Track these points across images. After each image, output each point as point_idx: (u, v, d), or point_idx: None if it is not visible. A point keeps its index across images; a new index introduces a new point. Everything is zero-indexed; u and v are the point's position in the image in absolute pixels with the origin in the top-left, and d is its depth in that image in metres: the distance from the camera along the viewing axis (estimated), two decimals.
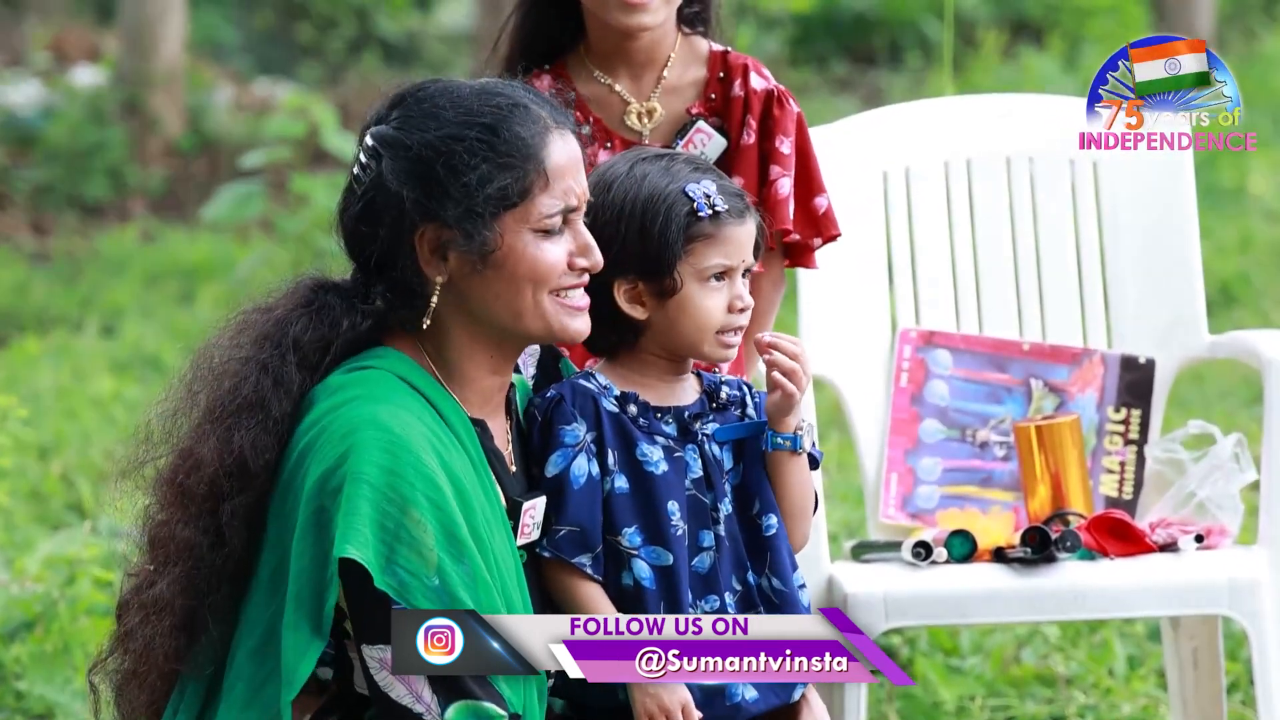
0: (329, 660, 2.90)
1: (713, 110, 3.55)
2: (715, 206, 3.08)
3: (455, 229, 2.88)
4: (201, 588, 2.87)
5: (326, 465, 2.82)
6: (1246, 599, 3.71)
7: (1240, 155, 10.92)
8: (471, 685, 2.79)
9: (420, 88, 2.95)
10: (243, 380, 2.89)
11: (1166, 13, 12.92)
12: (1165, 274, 4.17)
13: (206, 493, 2.87)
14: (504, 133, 2.89)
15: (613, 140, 3.52)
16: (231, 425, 2.87)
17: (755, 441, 3.14)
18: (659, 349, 3.12)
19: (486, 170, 2.88)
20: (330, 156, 11.81)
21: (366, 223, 2.91)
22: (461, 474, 2.87)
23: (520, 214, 2.90)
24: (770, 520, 3.12)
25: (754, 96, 3.53)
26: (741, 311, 3.10)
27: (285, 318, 2.94)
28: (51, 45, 14.97)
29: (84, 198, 12.05)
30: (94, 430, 7.28)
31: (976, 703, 4.71)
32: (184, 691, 2.92)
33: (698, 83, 3.56)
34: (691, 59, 3.58)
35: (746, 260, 3.11)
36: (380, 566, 2.77)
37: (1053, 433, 3.91)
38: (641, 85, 3.55)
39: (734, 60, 3.56)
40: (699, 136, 3.53)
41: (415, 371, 2.93)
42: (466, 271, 2.91)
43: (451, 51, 17.79)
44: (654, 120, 3.54)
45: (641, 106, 3.54)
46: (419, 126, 2.90)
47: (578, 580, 3.03)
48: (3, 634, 4.83)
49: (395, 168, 2.89)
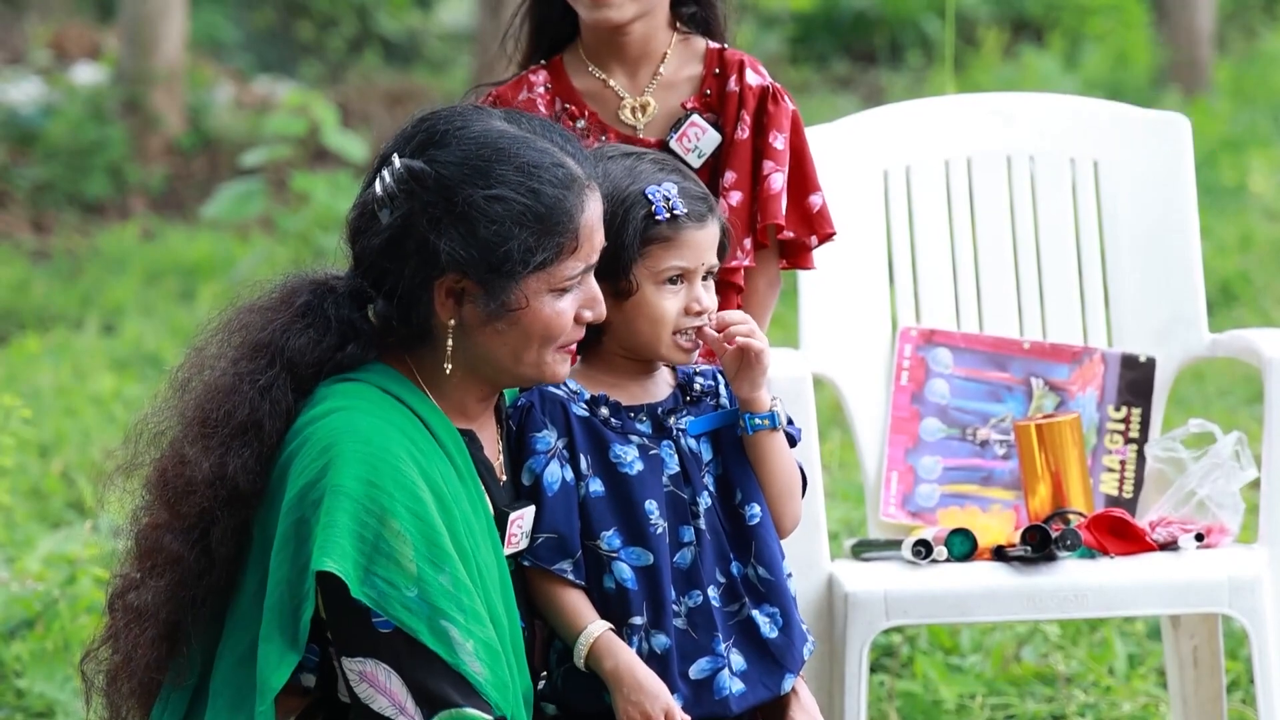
0: (312, 667, 2.89)
1: (708, 106, 3.55)
2: (674, 210, 3.06)
3: (480, 284, 2.88)
4: (186, 601, 2.87)
5: (308, 478, 2.82)
6: (1247, 597, 3.71)
7: (1241, 154, 10.92)
8: (454, 694, 2.79)
9: (458, 124, 2.91)
10: (239, 401, 2.88)
11: (1167, 12, 12.91)
12: (1165, 272, 4.17)
13: (198, 515, 2.87)
14: (549, 202, 2.88)
15: (607, 134, 3.52)
16: (226, 449, 2.86)
17: (732, 430, 3.14)
18: (621, 349, 3.12)
19: (528, 239, 2.87)
20: (330, 154, 11.81)
21: (390, 258, 2.89)
22: (444, 484, 2.87)
23: (545, 276, 2.90)
24: (754, 510, 3.12)
25: (749, 92, 3.53)
26: (698, 314, 3.09)
27: (284, 328, 2.92)
28: (52, 43, 14.97)
29: (84, 196, 12.05)
30: (94, 428, 7.28)
31: (977, 701, 4.71)
32: (167, 700, 2.92)
33: (693, 79, 3.56)
34: (688, 56, 3.58)
35: (706, 263, 3.11)
36: (358, 578, 2.77)
37: (1053, 431, 3.91)
38: (636, 80, 3.55)
39: (730, 57, 3.56)
40: (693, 130, 3.53)
41: (401, 384, 2.93)
42: (479, 321, 2.91)
43: (452, 50, 17.79)
44: (648, 115, 3.54)
45: (635, 101, 3.54)
46: (465, 179, 2.87)
47: (560, 587, 3.03)
48: (3, 632, 4.83)
49: (434, 216, 2.87)
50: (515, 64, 3.61)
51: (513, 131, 2.91)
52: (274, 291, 2.98)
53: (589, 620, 3.02)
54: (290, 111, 10.98)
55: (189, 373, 2.96)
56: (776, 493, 3.13)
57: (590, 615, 3.02)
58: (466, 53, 16.43)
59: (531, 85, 3.55)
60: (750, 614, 3.10)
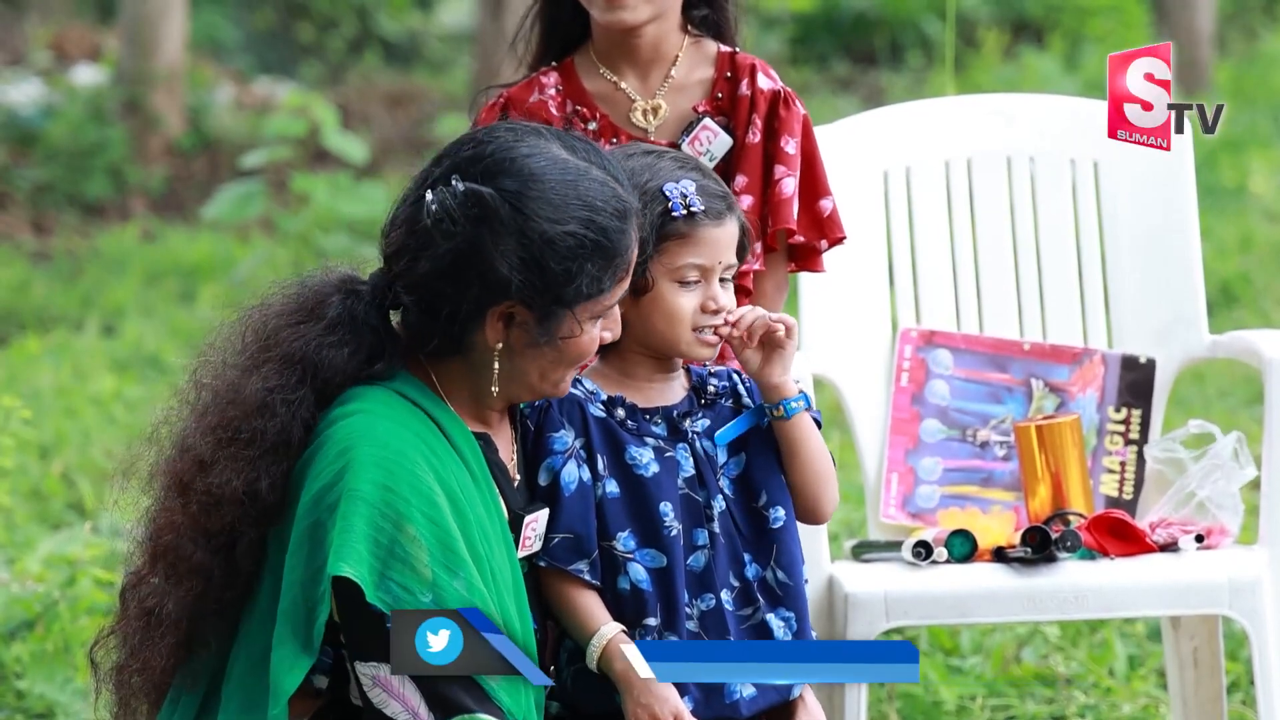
0: (325, 669, 2.89)
1: (719, 109, 3.55)
2: (691, 206, 3.06)
3: (534, 313, 2.89)
4: (207, 610, 2.87)
5: (324, 481, 2.82)
6: (1247, 599, 3.71)
7: (1241, 154, 10.92)
8: (467, 699, 2.78)
9: (523, 151, 2.91)
10: (270, 418, 2.86)
11: (1167, 12, 12.91)
12: (1165, 273, 4.17)
13: (223, 529, 2.86)
14: (613, 237, 2.90)
15: (618, 136, 3.52)
16: (257, 467, 2.85)
17: (756, 431, 3.14)
18: (640, 347, 3.12)
19: (594, 272, 2.89)
20: (331, 155, 11.81)
21: (451, 282, 2.88)
22: (459, 488, 2.87)
23: (593, 305, 2.92)
24: (778, 513, 3.11)
25: (760, 96, 3.53)
26: (715, 312, 3.09)
27: (316, 341, 2.90)
28: (52, 44, 14.97)
29: (85, 197, 12.05)
30: (94, 429, 7.28)
31: (977, 702, 4.71)
32: (177, 702, 2.92)
33: (705, 82, 3.55)
34: (699, 59, 3.57)
35: (724, 261, 3.10)
36: (373, 583, 2.77)
37: (1053, 432, 3.91)
38: (647, 83, 3.55)
39: (741, 60, 3.56)
40: (705, 134, 3.53)
41: (418, 388, 2.93)
42: (524, 344, 2.92)
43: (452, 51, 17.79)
44: (659, 117, 3.54)
45: (647, 104, 3.54)
46: (535, 212, 2.88)
47: (574, 588, 3.03)
48: (3, 633, 4.83)
49: (501, 245, 2.86)
50: (525, 66, 3.61)
51: (574, 162, 2.93)
52: (299, 296, 2.96)
53: (602, 622, 3.02)
54: (290, 112, 10.98)
55: (207, 374, 2.95)
56: (813, 477, 3.12)
57: (604, 617, 3.02)
58: (467, 54, 16.43)
59: (543, 87, 3.55)
60: (765, 618, 3.10)
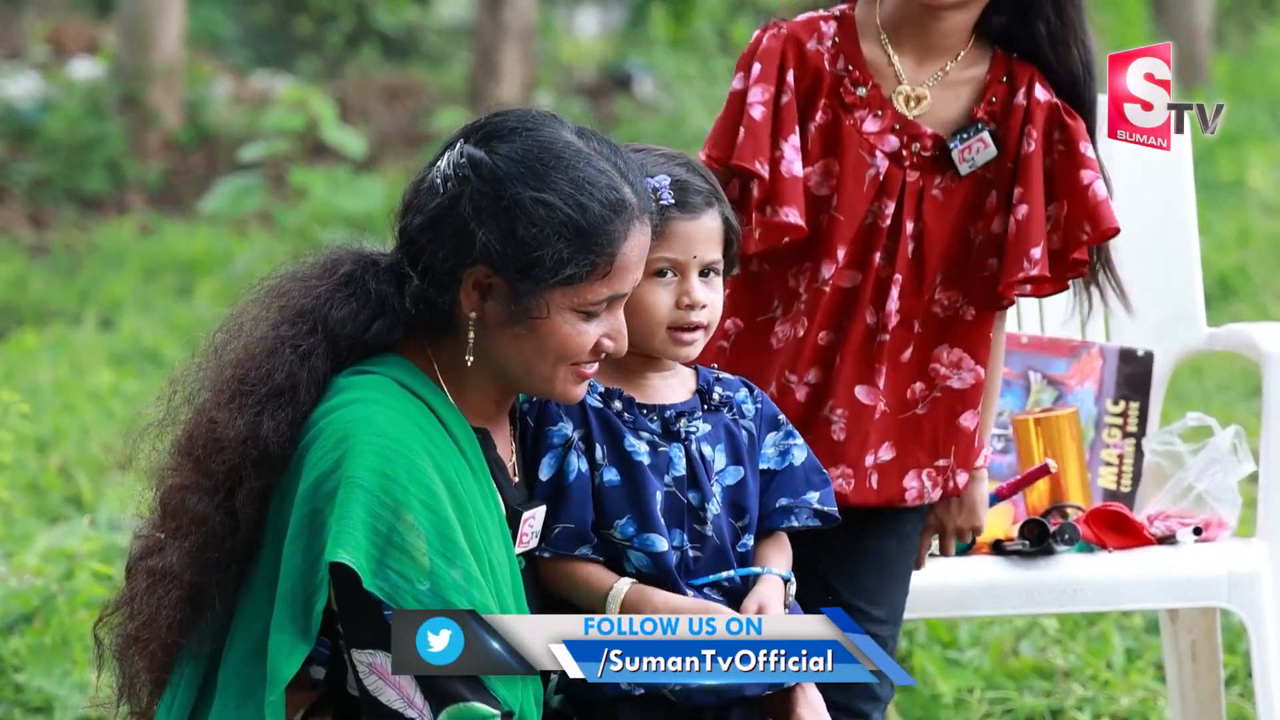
0: (323, 660, 2.89)
1: (990, 114, 3.42)
2: (660, 199, 3.02)
3: (506, 283, 2.88)
4: (211, 565, 2.87)
5: (323, 469, 2.82)
6: (1245, 591, 3.72)
7: (1239, 149, 10.93)
8: (463, 689, 2.79)
9: (528, 125, 2.92)
10: (278, 363, 2.88)
11: (1165, 7, 12.92)
12: (1164, 267, 4.17)
13: (226, 473, 2.87)
14: (594, 223, 2.87)
15: (884, 109, 3.41)
16: (261, 409, 2.86)
17: (754, 451, 3.12)
18: (630, 344, 3.10)
19: (563, 250, 2.86)
20: (328, 149, 11.82)
21: (429, 236, 2.89)
22: (458, 479, 2.87)
23: (571, 293, 2.89)
24: (747, 541, 3.10)
25: (1037, 107, 3.40)
26: (690, 309, 3.05)
27: (326, 296, 2.93)
28: (50, 38, 14.99)
29: (82, 191, 12.06)
30: (92, 423, 7.28)
31: (975, 695, 4.71)
32: (182, 673, 2.93)
33: (977, 81, 3.43)
34: (976, 57, 3.44)
35: (701, 257, 3.06)
36: (370, 570, 2.77)
37: (1051, 425, 3.92)
38: (922, 69, 3.42)
39: (1019, 68, 3.43)
40: (978, 144, 3.41)
41: (419, 379, 2.93)
42: (499, 321, 2.91)
43: (450, 45, 17.79)
44: (921, 108, 3.41)
45: (911, 90, 3.42)
46: (518, 176, 2.87)
47: (579, 564, 3.02)
48: (1, 627, 4.83)
49: (478, 204, 2.87)
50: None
51: (578, 145, 2.91)
52: (317, 262, 2.98)
53: (614, 579, 3.01)
54: (288, 107, 11.00)
55: (226, 336, 2.96)
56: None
57: (613, 576, 3.01)
58: (464, 48, 16.42)
59: (822, 36, 3.42)
60: None
